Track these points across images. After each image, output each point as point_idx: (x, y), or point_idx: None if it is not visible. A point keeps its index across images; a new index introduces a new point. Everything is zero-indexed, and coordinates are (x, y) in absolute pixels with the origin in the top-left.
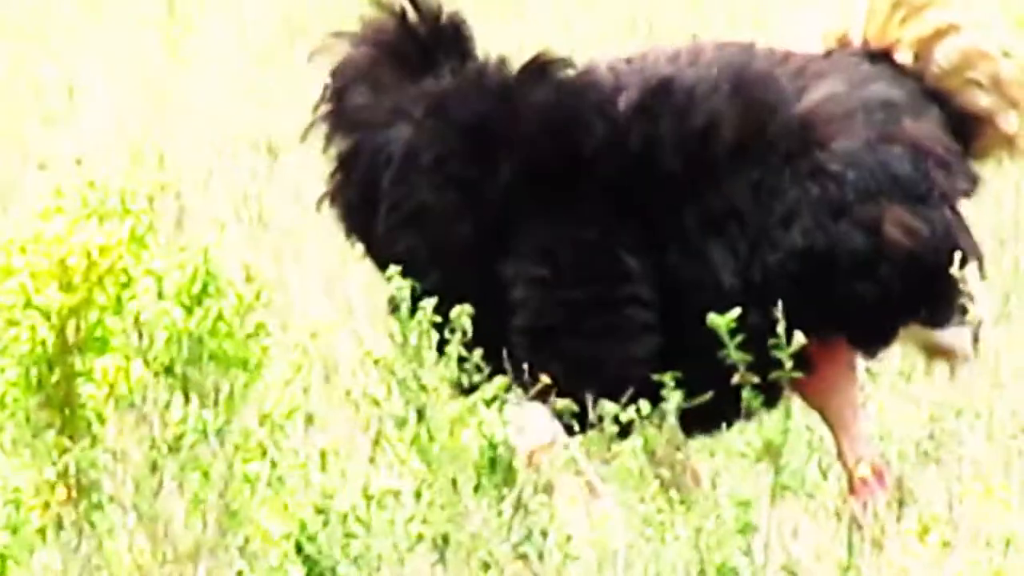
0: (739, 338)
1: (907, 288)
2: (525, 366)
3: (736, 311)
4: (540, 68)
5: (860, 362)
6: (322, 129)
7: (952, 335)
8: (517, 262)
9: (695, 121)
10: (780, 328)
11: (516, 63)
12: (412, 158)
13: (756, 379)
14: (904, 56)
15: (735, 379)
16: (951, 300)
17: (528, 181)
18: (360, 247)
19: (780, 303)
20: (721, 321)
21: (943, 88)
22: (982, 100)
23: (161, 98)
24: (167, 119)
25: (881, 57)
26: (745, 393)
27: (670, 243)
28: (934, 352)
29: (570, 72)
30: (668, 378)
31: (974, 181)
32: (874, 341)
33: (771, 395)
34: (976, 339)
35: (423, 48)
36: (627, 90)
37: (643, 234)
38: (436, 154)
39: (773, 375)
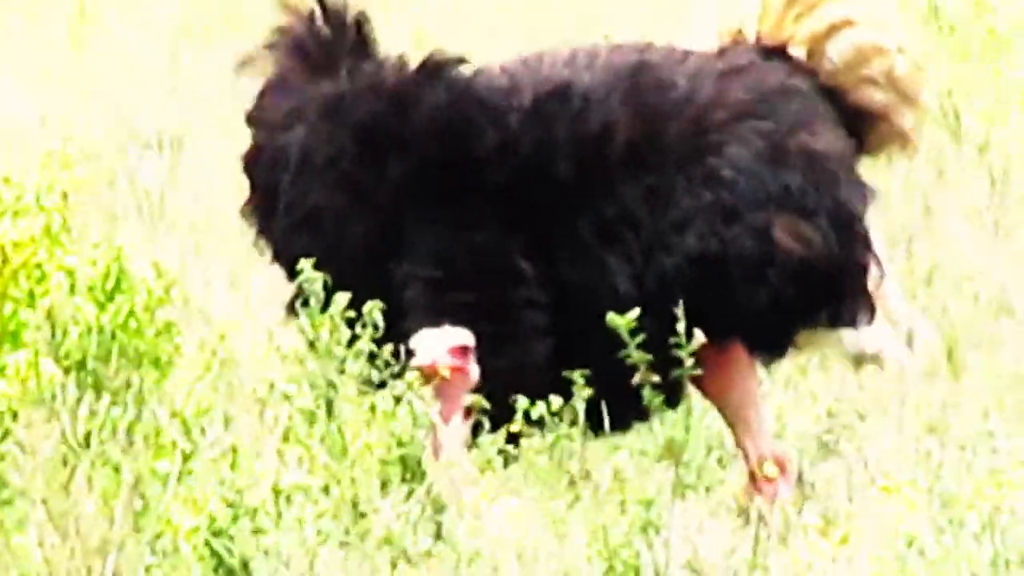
0: (639, 338)
1: (801, 294)
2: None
3: (635, 311)
4: (434, 69)
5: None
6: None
7: (864, 340)
8: (409, 263)
9: (589, 126)
10: (680, 326)
11: (415, 62)
12: (306, 159)
13: (656, 378)
14: (798, 52)
15: (636, 378)
16: (851, 304)
17: (420, 183)
18: (267, 248)
19: (679, 304)
20: (621, 321)
21: (837, 84)
22: (876, 96)
23: (67, 92)
24: (73, 114)
25: (776, 53)
26: (646, 392)
27: (564, 248)
28: (852, 358)
29: (465, 73)
30: (578, 375)
31: (867, 191)
32: (771, 347)
33: (672, 395)
34: (908, 340)
35: (326, 50)
36: (521, 93)
37: (536, 238)
38: (329, 155)
39: (674, 373)
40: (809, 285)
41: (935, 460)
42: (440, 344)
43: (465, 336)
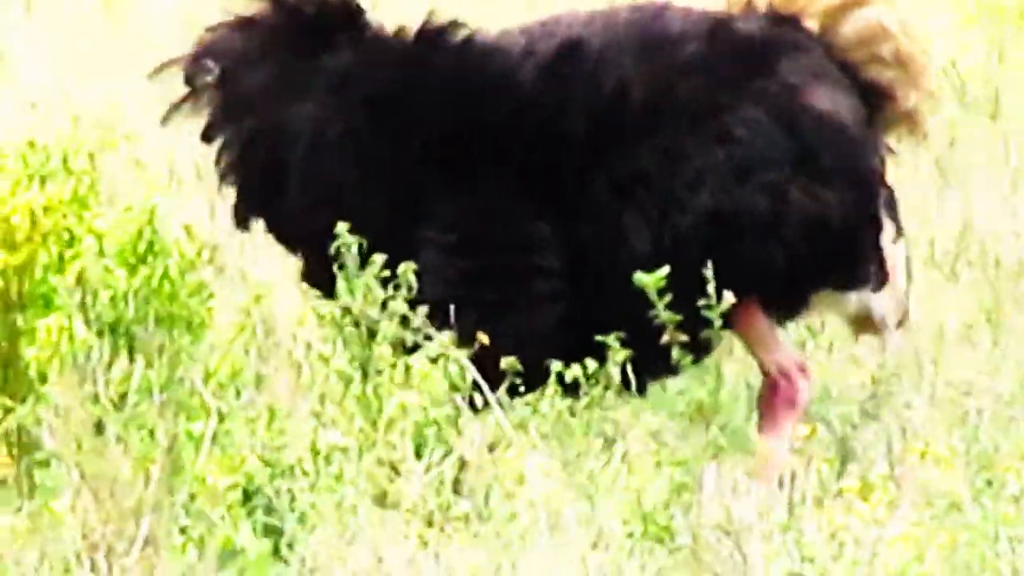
0: (667, 298)
1: (814, 252)
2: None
3: (664, 270)
4: (439, 34)
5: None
6: (205, 111)
7: (870, 302)
8: (425, 228)
9: (603, 86)
10: (710, 287)
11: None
12: (319, 135)
13: (684, 337)
14: (811, 25)
15: (664, 338)
16: (862, 265)
17: (436, 150)
18: (259, 227)
19: (707, 264)
20: (650, 280)
21: (847, 60)
22: (884, 75)
23: (97, 57)
24: (104, 78)
25: (787, 22)
26: (675, 351)
27: (581, 209)
28: (856, 323)
29: (470, 36)
30: (613, 339)
31: (883, 149)
32: (786, 307)
33: (696, 353)
34: (903, 306)
35: (313, 27)
36: (534, 54)
37: (552, 201)
38: (343, 128)
39: (703, 333)
40: (823, 244)
41: (972, 422)
42: None
43: None
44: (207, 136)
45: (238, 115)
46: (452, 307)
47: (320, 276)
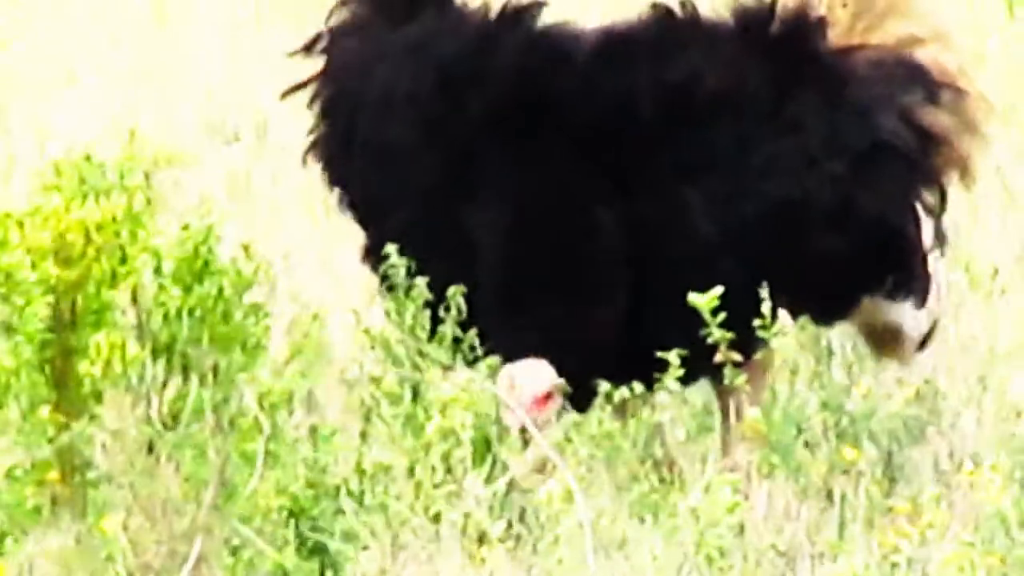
0: (720, 317)
1: (872, 251)
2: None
3: (719, 290)
4: (515, 13)
5: (849, 339)
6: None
7: (906, 316)
8: (485, 208)
9: (674, 71)
10: (765, 307)
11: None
12: (386, 97)
13: (738, 357)
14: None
15: (717, 357)
16: (914, 274)
17: (497, 124)
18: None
19: (763, 286)
20: (703, 300)
21: (903, 103)
22: (940, 119)
23: (151, 72)
24: (157, 94)
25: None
26: (727, 371)
27: (644, 191)
28: (881, 334)
29: (546, 17)
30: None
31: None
32: (835, 308)
33: (746, 353)
34: (931, 331)
35: (403, 1)
36: (605, 38)
37: (617, 183)
38: (408, 92)
39: (757, 352)
40: (881, 242)
41: (1021, 443)
42: (528, 388)
43: (550, 377)
44: (310, 105)
45: (326, 84)
46: (522, 292)
47: (375, 250)
